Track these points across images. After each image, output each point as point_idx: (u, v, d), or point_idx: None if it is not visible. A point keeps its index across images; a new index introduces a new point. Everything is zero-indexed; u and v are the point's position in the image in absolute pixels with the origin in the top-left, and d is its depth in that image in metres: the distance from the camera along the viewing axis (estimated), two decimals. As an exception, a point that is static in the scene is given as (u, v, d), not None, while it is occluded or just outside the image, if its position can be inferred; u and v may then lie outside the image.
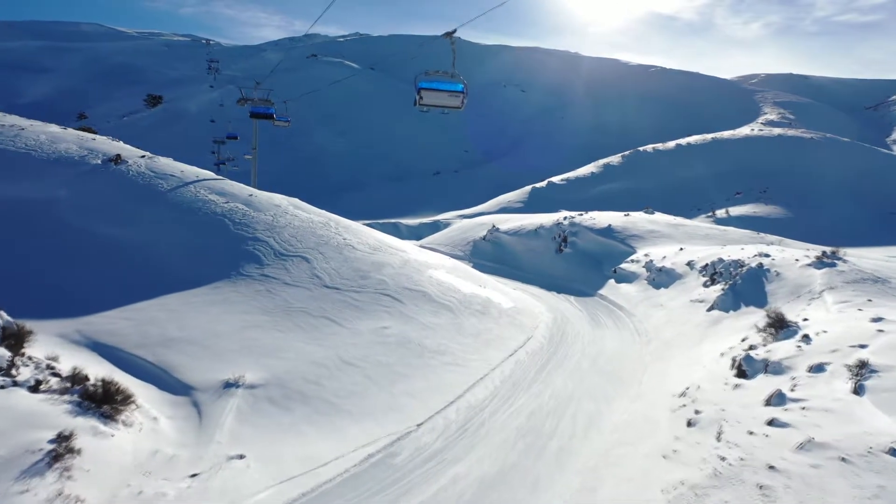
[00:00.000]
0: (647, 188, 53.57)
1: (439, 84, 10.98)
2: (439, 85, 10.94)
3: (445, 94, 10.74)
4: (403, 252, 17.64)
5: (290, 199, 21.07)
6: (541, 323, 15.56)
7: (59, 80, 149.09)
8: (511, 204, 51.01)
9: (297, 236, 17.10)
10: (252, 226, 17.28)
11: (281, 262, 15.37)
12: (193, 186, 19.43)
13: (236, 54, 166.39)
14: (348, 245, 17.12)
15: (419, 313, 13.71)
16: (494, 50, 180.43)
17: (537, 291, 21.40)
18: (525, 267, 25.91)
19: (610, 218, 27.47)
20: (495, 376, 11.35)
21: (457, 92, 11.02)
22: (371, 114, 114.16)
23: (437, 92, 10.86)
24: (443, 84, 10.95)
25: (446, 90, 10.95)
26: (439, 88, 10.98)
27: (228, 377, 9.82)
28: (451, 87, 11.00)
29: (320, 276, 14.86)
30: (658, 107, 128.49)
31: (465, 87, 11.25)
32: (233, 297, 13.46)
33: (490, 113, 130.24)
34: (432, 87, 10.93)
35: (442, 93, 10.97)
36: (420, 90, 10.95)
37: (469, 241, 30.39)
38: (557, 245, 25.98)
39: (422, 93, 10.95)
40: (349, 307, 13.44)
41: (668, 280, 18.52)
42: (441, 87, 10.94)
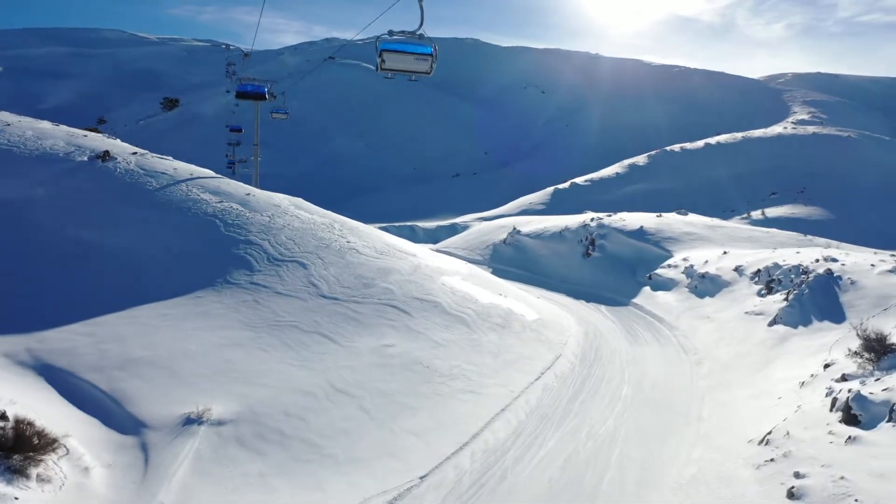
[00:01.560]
0: (675, 189, 51.12)
1: (404, 46, 9.14)
2: (404, 47, 9.11)
3: (411, 57, 9.17)
4: (414, 257, 15.72)
5: (293, 199, 19.30)
6: (570, 338, 13.54)
7: (81, 86, 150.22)
8: (532, 206, 48.88)
9: (295, 239, 15.27)
10: (246, 227, 15.49)
11: (274, 268, 13.54)
12: (185, 185, 17.73)
13: (255, 58, 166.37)
14: (352, 249, 15.25)
15: (429, 328, 11.78)
16: (514, 52, 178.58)
17: (564, 300, 19.36)
18: (549, 273, 23.86)
19: (641, 219, 25.30)
20: (519, 407, 9.37)
21: (424, 55, 9.20)
22: (390, 116, 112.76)
23: (402, 55, 9.16)
24: (408, 46, 9.11)
25: (412, 52, 9.12)
26: (404, 51, 9.16)
27: (191, 410, 7.98)
28: (418, 50, 9.17)
29: (317, 283, 12.99)
30: (682, 107, 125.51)
31: (435, 50, 9.35)
32: (214, 309, 11.64)
33: (510, 115, 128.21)
34: (396, 48, 9.12)
35: (407, 56, 9.15)
36: (382, 52, 9.13)
37: (488, 245, 28.40)
38: (585, 249, 23.90)
39: (384, 55, 9.11)
40: (348, 321, 11.55)
41: (714, 288, 16.37)
42: (406, 50, 9.12)
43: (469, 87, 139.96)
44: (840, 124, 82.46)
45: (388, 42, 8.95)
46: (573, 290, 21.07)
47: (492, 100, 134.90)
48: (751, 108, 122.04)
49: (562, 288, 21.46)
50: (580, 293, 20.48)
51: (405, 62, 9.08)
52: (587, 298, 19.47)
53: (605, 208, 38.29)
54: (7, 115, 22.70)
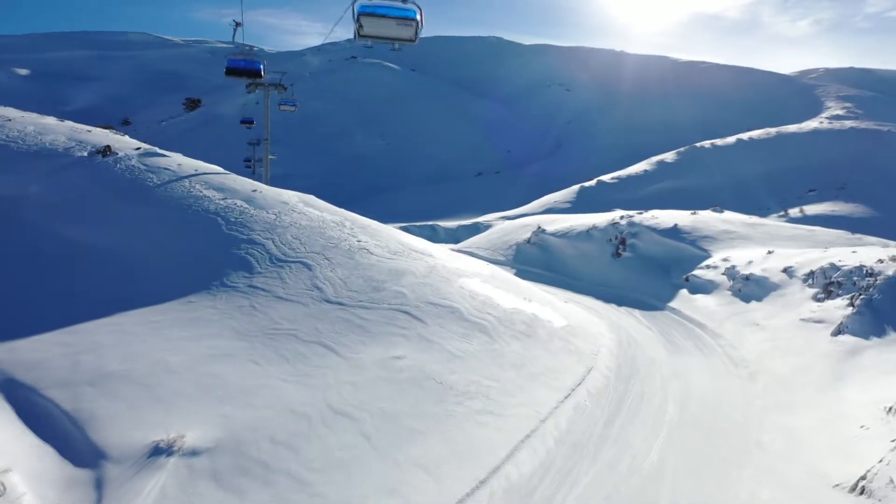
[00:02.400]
0: (706, 186, 49.19)
1: (385, 9, 7.70)
2: (385, 10, 7.71)
3: (393, 21, 7.98)
4: (430, 257, 14.46)
5: (302, 196, 18.19)
6: (602, 347, 12.17)
7: (106, 88, 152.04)
8: (557, 204, 47.37)
9: (302, 238, 14.12)
10: (249, 226, 14.38)
11: (276, 270, 12.38)
12: (189, 181, 16.70)
13: (278, 59, 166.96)
14: (363, 249, 14.04)
15: (445, 336, 10.51)
16: (537, 49, 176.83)
17: (593, 304, 17.95)
18: (576, 274, 22.43)
19: (675, 217, 23.73)
20: (547, 433, 8.04)
21: (408, 19, 7.98)
22: (412, 115, 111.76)
23: (383, 19, 7.93)
24: (390, 9, 7.73)
25: (395, 16, 7.73)
26: (385, 14, 7.71)
27: (161, 438, 6.81)
28: (401, 13, 7.80)
29: (322, 287, 11.80)
30: (709, 103, 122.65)
31: (420, 13, 7.93)
32: (206, 315, 10.50)
33: (534, 113, 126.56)
34: (376, 11, 7.70)
35: (389, 20, 7.76)
36: (360, 16, 7.73)
37: (511, 245, 27.05)
38: (614, 248, 22.42)
39: (362, 20, 7.70)
40: (353, 329, 10.32)
41: (761, 291, 14.84)
42: (387, 13, 7.71)
43: (491, 86, 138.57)
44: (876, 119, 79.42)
45: (367, 5, 7.66)
46: (603, 292, 19.64)
47: (514, 98, 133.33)
48: (780, 105, 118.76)
49: (590, 290, 20.05)
50: (610, 296, 19.05)
51: (387, 28, 7.91)
52: (618, 302, 18.04)
53: (633, 206, 36.67)
54: (11, 110, 21.97)
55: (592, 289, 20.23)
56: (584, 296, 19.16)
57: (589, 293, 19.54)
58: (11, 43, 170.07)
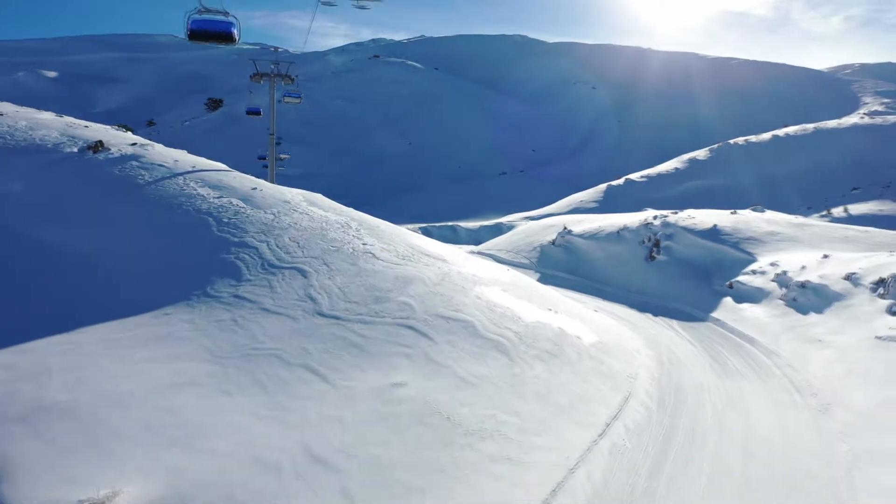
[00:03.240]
0: (741, 184, 46.89)
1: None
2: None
3: None
4: (443, 262, 12.89)
5: (308, 195, 16.77)
6: (640, 368, 10.49)
7: (133, 90, 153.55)
8: (584, 204, 45.48)
9: (301, 241, 12.67)
10: (243, 227, 12.98)
11: (267, 277, 10.94)
12: (183, 178, 15.39)
13: (302, 60, 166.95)
14: (367, 253, 12.54)
15: (455, 357, 8.95)
16: (562, 47, 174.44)
17: (626, 313, 16.23)
18: (606, 279, 20.69)
19: (714, 217, 21.83)
20: (578, 486, 6.43)
21: None
22: (434, 114, 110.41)
23: None
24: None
25: None
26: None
27: (90, 497, 5.37)
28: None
29: (316, 297, 10.31)
30: (739, 100, 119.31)
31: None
32: (179, 332, 9.08)
33: (559, 111, 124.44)
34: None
35: None
36: None
37: (535, 247, 25.37)
38: (648, 251, 20.63)
39: None
40: (348, 348, 8.81)
41: (821, 301, 13.00)
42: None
43: (515, 84, 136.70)
44: (920, 114, 75.89)
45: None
46: (636, 300, 17.90)
47: (539, 96, 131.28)
48: (813, 101, 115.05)
49: (622, 297, 18.32)
50: (645, 304, 17.31)
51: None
52: (654, 311, 16.29)
53: (664, 206, 34.72)
54: (7, 105, 20.93)
55: (624, 296, 18.49)
56: (616, 304, 17.44)
57: (620, 301, 17.81)
58: (41, 46, 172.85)
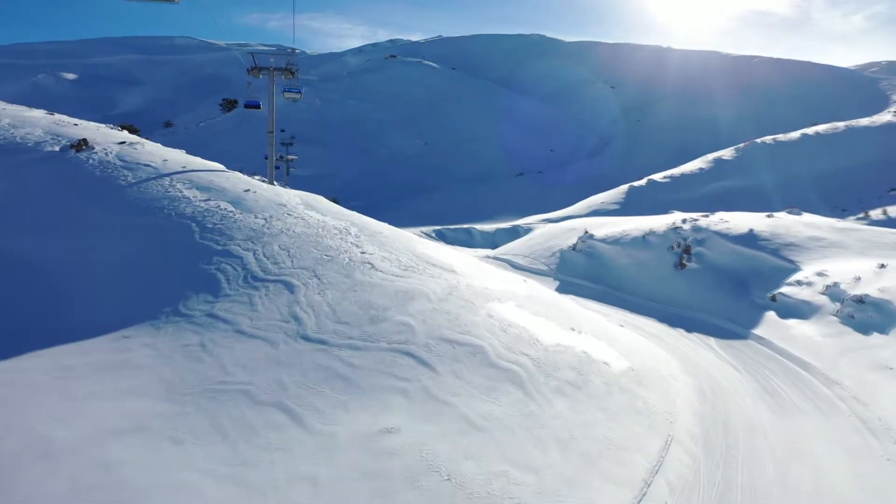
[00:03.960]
0: (770, 185, 44.85)
1: None
2: None
3: None
4: (451, 273, 11.45)
5: (307, 197, 15.42)
6: (679, 400, 8.97)
7: (151, 92, 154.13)
8: (605, 206, 43.73)
9: (292, 249, 11.31)
10: (229, 233, 11.65)
11: (248, 292, 9.58)
12: (170, 179, 14.13)
13: (318, 61, 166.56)
14: (365, 263, 11.13)
15: (461, 392, 7.50)
16: (581, 47, 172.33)
17: (655, 328, 14.66)
18: (632, 287, 19.11)
19: (749, 220, 20.15)
20: (615, 578, 4.97)
21: None
22: (451, 114, 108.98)
23: None
24: None
25: None
26: None
27: None
28: None
29: (302, 317, 8.93)
30: (762, 99, 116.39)
31: None
32: (138, 359, 7.75)
33: (577, 111, 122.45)
34: None
35: None
36: None
37: (555, 252, 23.83)
38: (677, 257, 19.01)
39: None
40: (332, 381, 7.41)
41: (884, 320, 11.36)
42: None
43: (533, 84, 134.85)
44: (954, 112, 72.96)
45: None
46: (665, 312, 16.31)
47: (557, 96, 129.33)
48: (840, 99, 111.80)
49: (650, 309, 16.74)
50: (675, 317, 15.71)
51: None
52: (686, 326, 14.71)
53: (690, 208, 32.99)
54: (-5, 103, 19.93)
55: (652, 307, 16.91)
56: (643, 316, 15.86)
57: (648, 313, 16.23)
58: (61, 48, 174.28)
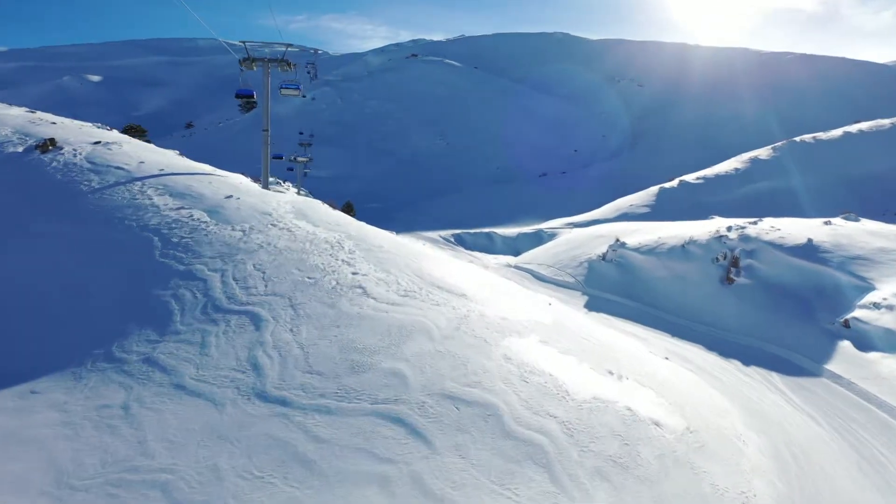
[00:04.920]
0: (811, 186, 42.02)
1: None
2: None
3: None
4: (461, 299, 9.39)
5: (300, 203, 13.50)
6: (756, 479, 6.83)
7: (174, 93, 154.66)
8: (633, 209, 41.32)
9: (269, 269, 9.36)
10: (197, 249, 9.76)
11: (204, 328, 7.64)
12: (142, 184, 12.32)
13: (340, 61, 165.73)
14: (356, 287, 9.12)
15: (466, 483, 5.45)
16: (606, 45, 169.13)
17: (704, 359, 12.45)
18: (671, 306, 16.88)
19: (804, 228, 17.79)
20: None
21: None
22: (473, 114, 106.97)
23: None
24: None
25: None
26: None
27: None
28: None
29: (263, 364, 6.94)
30: (794, 96, 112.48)
31: None
32: (33, 430, 5.82)
33: (602, 110, 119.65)
34: None
35: None
36: None
37: (582, 261, 21.66)
38: (723, 271, 16.75)
39: None
40: (289, 466, 5.40)
41: None
42: None
43: (557, 82, 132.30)
44: None
45: None
46: (713, 337, 14.09)
47: (582, 95, 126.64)
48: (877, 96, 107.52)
49: (694, 333, 14.52)
50: (726, 345, 13.49)
51: None
52: (741, 356, 12.49)
53: (727, 211, 30.54)
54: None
55: (697, 331, 14.70)
56: (688, 343, 13.66)
57: (693, 338, 14.02)
58: (87, 51, 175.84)
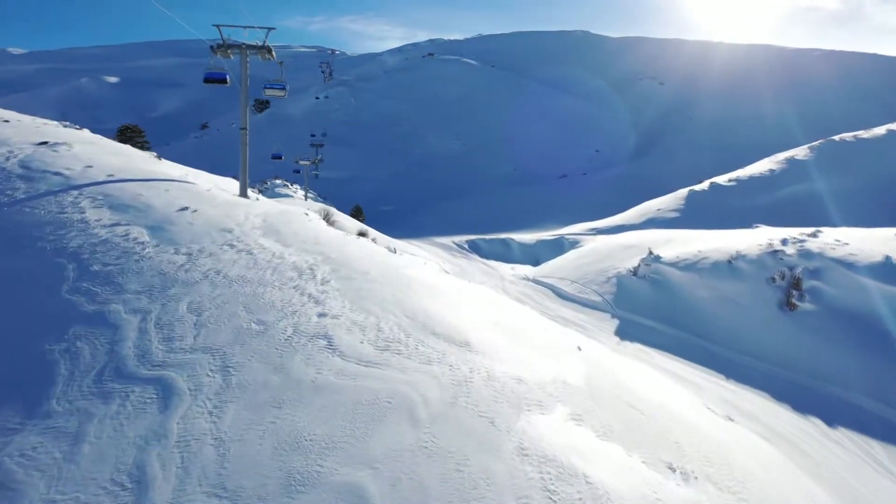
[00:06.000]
0: (854, 189, 39.02)
1: None
2: None
3: None
4: (463, 349, 6.95)
5: (275, 216, 11.22)
6: None
7: (190, 94, 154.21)
8: (661, 213, 38.59)
9: (207, 310, 7.03)
10: (120, 281, 7.46)
11: (88, 408, 5.29)
12: (78, 193, 10.12)
13: (357, 61, 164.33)
14: (319, 336, 6.74)
15: None
16: (627, 43, 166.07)
17: (772, 413, 9.92)
18: (719, 334, 14.32)
19: (877, 243, 15.11)
20: None
21: None
22: (490, 113, 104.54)
23: None
24: None
25: None
26: None
27: None
28: None
29: (153, 477, 4.55)
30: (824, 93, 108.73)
31: None
32: None
33: (623, 109, 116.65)
34: None
35: None
36: None
37: (610, 276, 19.14)
38: (783, 295, 14.16)
39: None
40: None
41: None
42: None
43: (577, 81, 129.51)
44: None
45: None
46: (779, 380, 11.54)
47: (602, 93, 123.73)
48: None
49: (753, 374, 11.97)
50: (797, 392, 10.95)
51: None
52: (820, 412, 9.95)
53: (765, 217, 27.85)
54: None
55: (757, 370, 12.15)
56: (748, 388, 11.12)
57: (754, 381, 11.48)
58: (104, 53, 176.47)
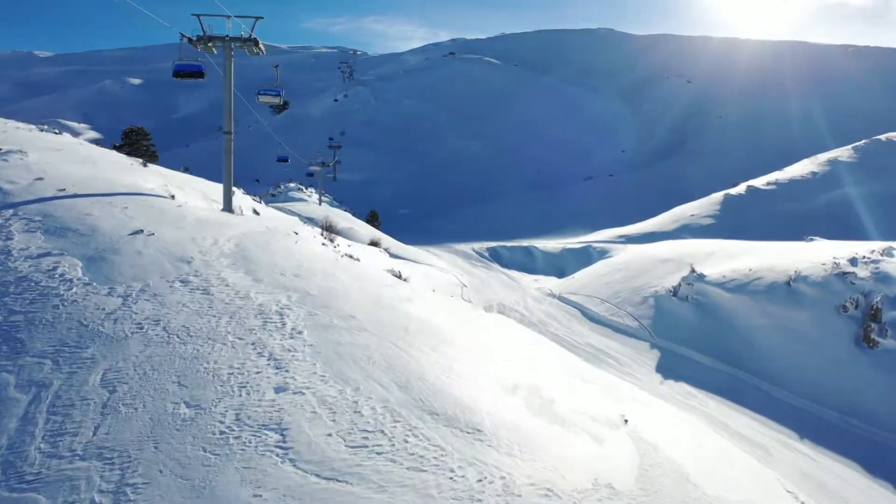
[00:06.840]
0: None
1: None
2: None
3: None
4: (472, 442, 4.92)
5: (254, 238, 9.39)
6: None
7: (211, 95, 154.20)
8: (695, 219, 36.20)
9: (125, 384, 5.14)
10: (22, 337, 5.64)
11: None
12: (11, 212, 8.41)
13: (378, 61, 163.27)
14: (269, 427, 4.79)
15: None
16: (653, 40, 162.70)
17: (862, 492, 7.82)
18: (780, 373, 12.17)
19: (967, 264, 12.86)
20: None
21: None
22: (513, 113, 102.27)
23: None
24: None
25: None
26: None
27: None
28: None
29: None
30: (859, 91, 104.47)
31: None
32: None
33: (650, 108, 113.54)
34: None
35: None
36: None
37: (646, 296, 17.03)
38: (859, 328, 11.98)
39: None
40: None
41: None
42: None
43: (602, 80, 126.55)
44: None
45: None
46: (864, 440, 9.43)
47: (628, 92, 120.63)
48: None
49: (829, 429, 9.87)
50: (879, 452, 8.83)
51: None
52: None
53: (808, 224, 25.45)
54: None
55: (835, 426, 10.05)
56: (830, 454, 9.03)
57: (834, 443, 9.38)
58: (130, 54, 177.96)
